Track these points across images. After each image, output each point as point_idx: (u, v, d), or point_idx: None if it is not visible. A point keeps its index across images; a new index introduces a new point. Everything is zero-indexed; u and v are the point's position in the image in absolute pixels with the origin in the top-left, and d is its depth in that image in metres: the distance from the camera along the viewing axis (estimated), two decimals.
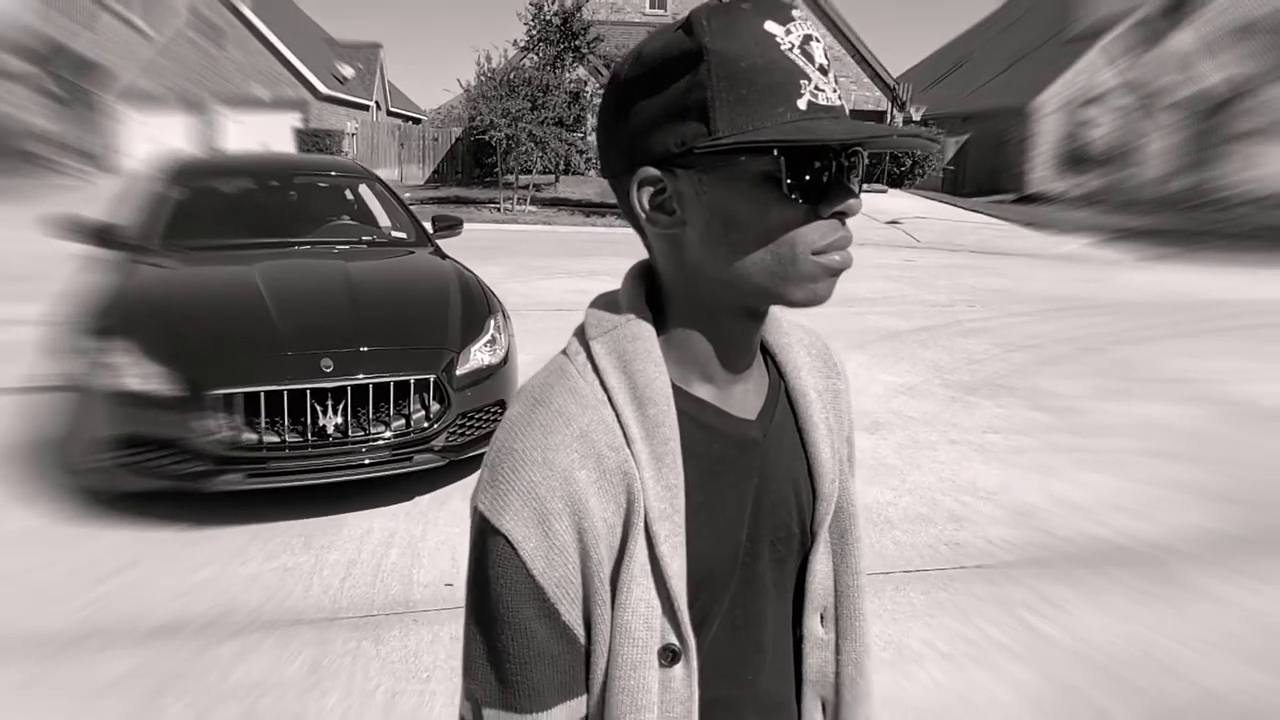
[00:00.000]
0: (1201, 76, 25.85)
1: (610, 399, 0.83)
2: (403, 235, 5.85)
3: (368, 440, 4.10)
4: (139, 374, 3.93)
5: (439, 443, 4.28)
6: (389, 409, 4.16)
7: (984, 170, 30.08)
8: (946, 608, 3.66)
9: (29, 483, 4.54)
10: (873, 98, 30.63)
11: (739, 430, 0.89)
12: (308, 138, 26.29)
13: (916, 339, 8.77)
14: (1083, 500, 4.80)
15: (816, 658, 0.98)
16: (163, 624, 3.32)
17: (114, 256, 4.91)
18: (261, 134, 25.62)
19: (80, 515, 4.21)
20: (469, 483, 4.71)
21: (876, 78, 30.77)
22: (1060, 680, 3.19)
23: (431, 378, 4.22)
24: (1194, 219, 22.03)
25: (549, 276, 12.23)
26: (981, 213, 24.39)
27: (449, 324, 4.50)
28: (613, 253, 15.10)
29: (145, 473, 3.94)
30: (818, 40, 0.79)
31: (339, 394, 4.03)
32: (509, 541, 0.79)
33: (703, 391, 0.88)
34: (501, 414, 4.39)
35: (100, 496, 4.32)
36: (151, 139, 24.12)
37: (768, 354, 0.98)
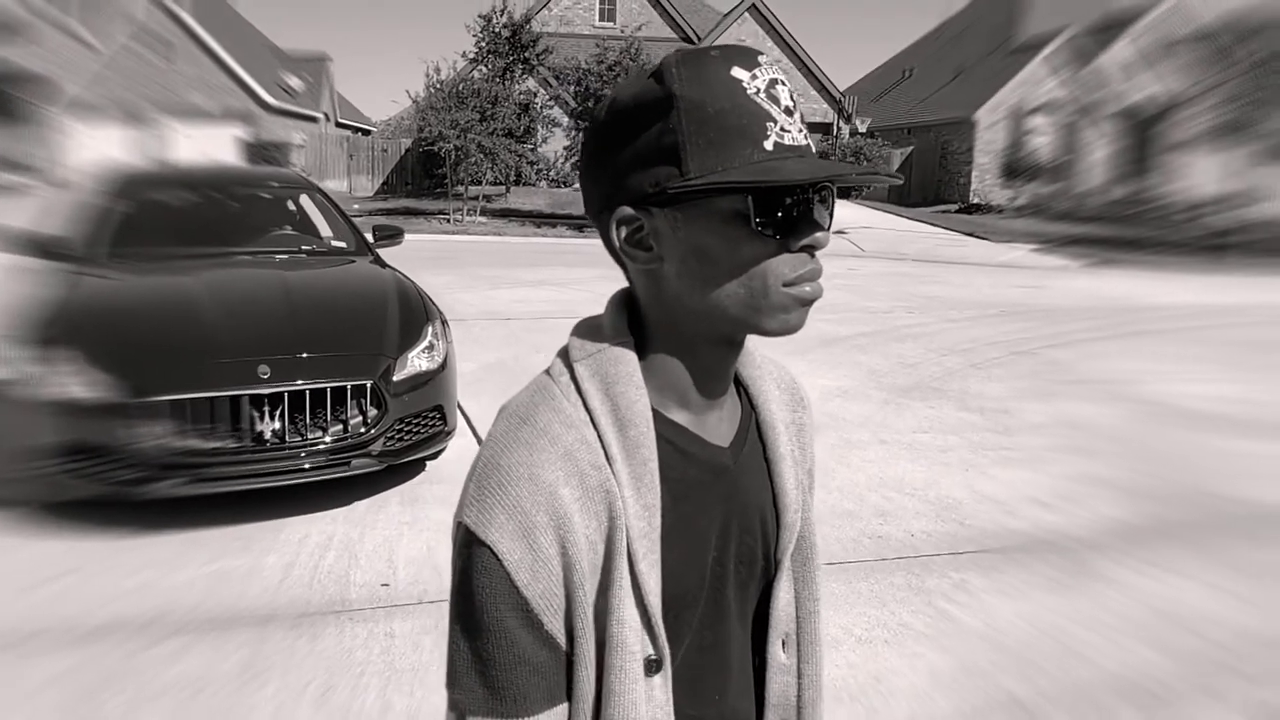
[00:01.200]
0: (1137, 89, 26.60)
1: (593, 420, 0.86)
2: (343, 245, 5.92)
3: (305, 445, 4.18)
4: (83, 382, 3.97)
5: (376, 447, 4.37)
6: (326, 415, 4.24)
7: (929, 181, 30.66)
8: (866, 597, 3.82)
9: None
10: (819, 110, 31.08)
11: (712, 456, 0.92)
12: (255, 150, 26.08)
13: (855, 344, 8.99)
14: (1002, 495, 5.01)
15: (779, 683, 1.01)
16: (100, 625, 3.37)
17: (52, 268, 4.93)
18: (209, 146, 25.38)
19: (17, 524, 4.23)
20: (407, 488, 4.80)
21: (823, 90, 31.23)
22: (970, 663, 3.35)
23: (368, 383, 4.31)
24: (1132, 227, 22.65)
25: (497, 286, 12.31)
26: (926, 222, 24.88)
27: (386, 331, 4.59)
28: (562, 263, 15.22)
29: (86, 479, 3.98)
30: (784, 84, 0.84)
31: (276, 400, 4.10)
32: (494, 554, 0.82)
33: (680, 417, 0.92)
34: (439, 418, 4.50)
35: (38, 505, 4.34)
36: (98, 152, 23.80)
37: (740, 385, 1.01)
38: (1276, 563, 4.28)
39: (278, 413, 4.12)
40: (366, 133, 37.91)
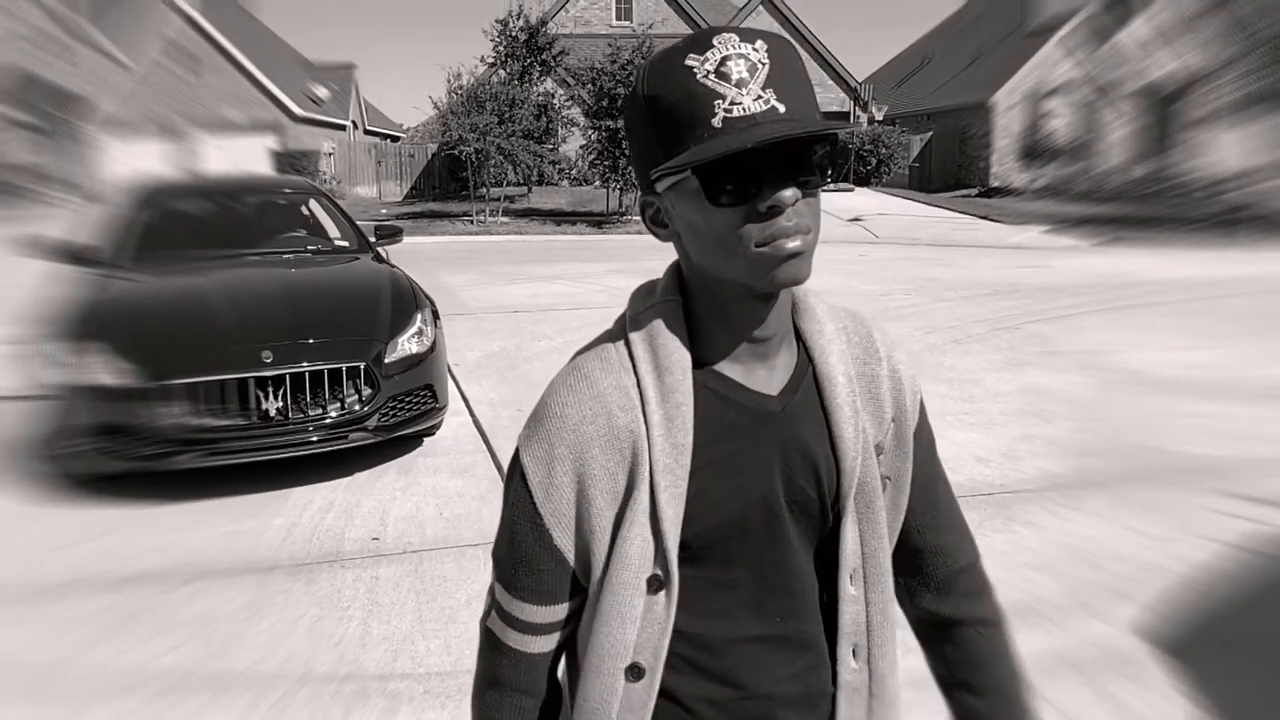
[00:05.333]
0: (1156, 67, 26.56)
1: (635, 366, 0.99)
2: (346, 244, 6.46)
3: (307, 421, 4.71)
4: (110, 370, 4.54)
5: (372, 422, 4.89)
6: (325, 394, 4.76)
7: (949, 166, 30.80)
8: None
9: (12, 473, 5.13)
10: (836, 99, 31.37)
11: (756, 403, 1.01)
12: (284, 159, 26.89)
13: None
14: (948, 453, 5.36)
15: (850, 612, 1.08)
16: (129, 576, 3.93)
17: (85, 272, 5.51)
18: (239, 157, 26.25)
19: (58, 494, 4.82)
20: (404, 460, 5.32)
21: (839, 79, 31.49)
22: None
23: (362, 365, 4.83)
24: (1151, 205, 22.68)
25: (512, 282, 12.81)
26: (943, 207, 25.06)
27: (378, 318, 5.11)
28: (576, 258, 15.70)
29: (114, 455, 4.54)
30: (740, 57, 0.88)
31: (279, 381, 4.64)
32: (524, 473, 1.00)
33: (727, 369, 1.01)
34: (430, 396, 5.03)
35: (76, 479, 4.93)
36: (132, 166, 24.76)
37: (800, 339, 1.08)
38: (1191, 506, 4.65)
39: (281, 393, 4.65)
40: (395, 139, 38.69)
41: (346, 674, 3.18)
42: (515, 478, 1.02)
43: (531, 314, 10.18)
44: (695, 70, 0.87)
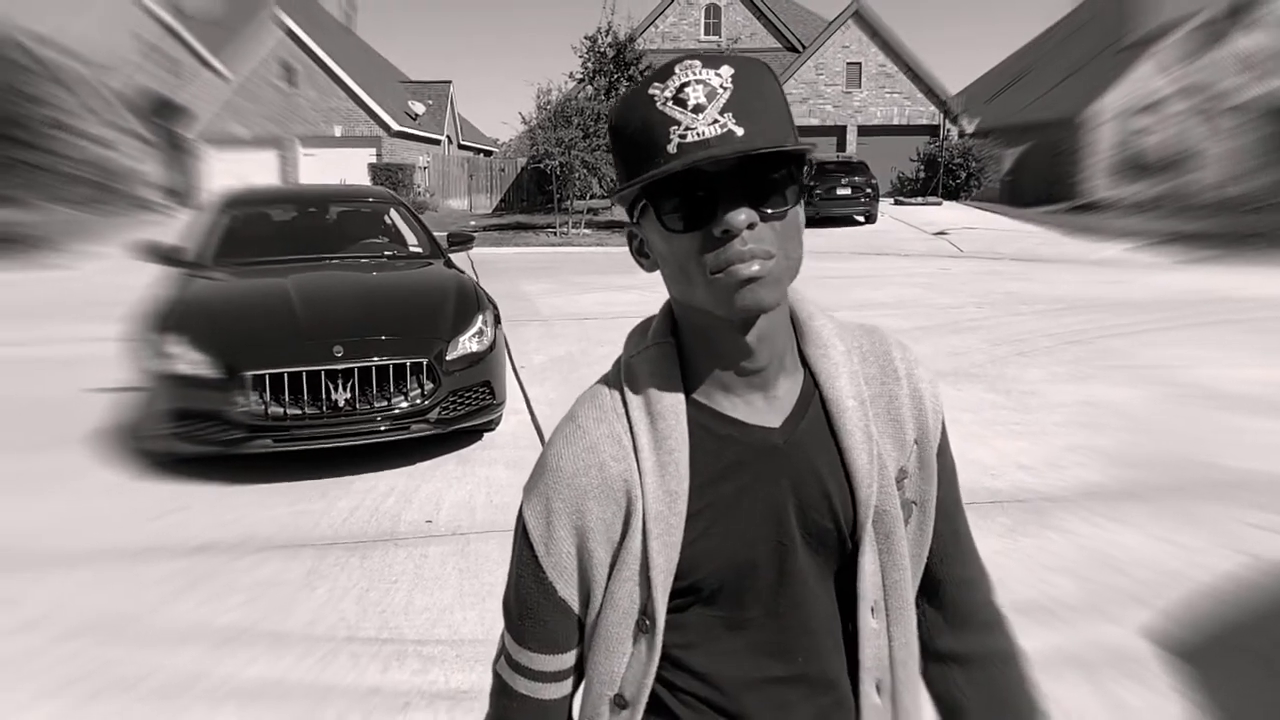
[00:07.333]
0: (1268, 78, 25.64)
1: (628, 413, 0.98)
2: (420, 250, 6.85)
3: (374, 412, 5.05)
4: (189, 361, 4.95)
5: (433, 415, 5.21)
6: (390, 387, 5.11)
7: (1041, 180, 30.22)
8: None
9: (112, 453, 5.62)
10: (926, 113, 31.10)
11: (757, 438, 0.98)
12: (380, 172, 27.92)
13: (910, 336, 9.43)
14: (992, 460, 5.49)
15: (872, 646, 1.04)
16: (201, 545, 4.32)
17: (176, 272, 6.00)
18: (337, 169, 27.35)
19: (143, 472, 5.28)
20: (465, 452, 5.64)
21: (930, 93, 31.21)
22: None
23: (425, 361, 5.16)
24: (1249, 222, 21.90)
25: (587, 291, 13.16)
26: (1030, 221, 24.63)
27: (442, 318, 5.44)
28: None
29: (193, 439, 4.96)
30: (699, 83, 0.87)
31: (347, 374, 4.99)
32: (525, 526, 1.00)
33: (723, 404, 0.98)
34: (488, 392, 5.33)
35: (161, 459, 5.38)
36: (231, 175, 25.99)
37: (806, 364, 1.04)
38: (1227, 519, 4.65)
39: (349, 385, 5.01)
40: (489, 153, 39.67)
41: (388, 637, 3.47)
42: (519, 531, 1.02)
43: (601, 321, 10.47)
44: (655, 98, 0.87)
